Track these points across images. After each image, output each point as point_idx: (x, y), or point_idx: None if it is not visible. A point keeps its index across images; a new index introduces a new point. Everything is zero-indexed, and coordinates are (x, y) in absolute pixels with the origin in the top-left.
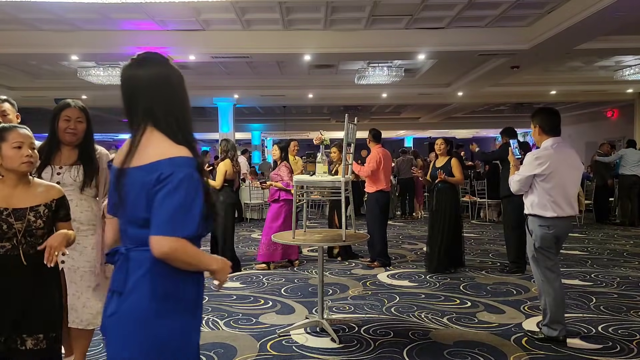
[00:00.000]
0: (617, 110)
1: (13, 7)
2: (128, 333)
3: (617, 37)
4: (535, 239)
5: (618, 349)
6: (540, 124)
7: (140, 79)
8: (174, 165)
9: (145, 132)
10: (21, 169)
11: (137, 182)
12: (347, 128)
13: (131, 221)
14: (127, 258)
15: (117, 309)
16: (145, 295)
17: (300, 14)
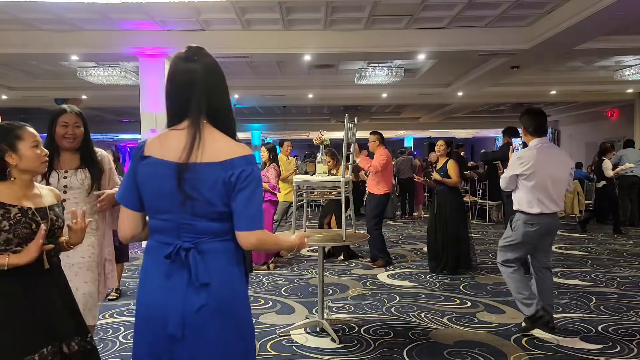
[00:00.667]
0: (617, 110)
1: (13, 7)
2: (226, 320)
3: (617, 37)
4: (517, 235)
5: (618, 349)
6: (525, 124)
7: (201, 72)
8: (250, 163)
9: (204, 128)
10: (40, 169)
11: (212, 177)
12: (347, 128)
13: (204, 215)
14: (200, 251)
15: (207, 301)
16: (236, 283)
17: (300, 14)
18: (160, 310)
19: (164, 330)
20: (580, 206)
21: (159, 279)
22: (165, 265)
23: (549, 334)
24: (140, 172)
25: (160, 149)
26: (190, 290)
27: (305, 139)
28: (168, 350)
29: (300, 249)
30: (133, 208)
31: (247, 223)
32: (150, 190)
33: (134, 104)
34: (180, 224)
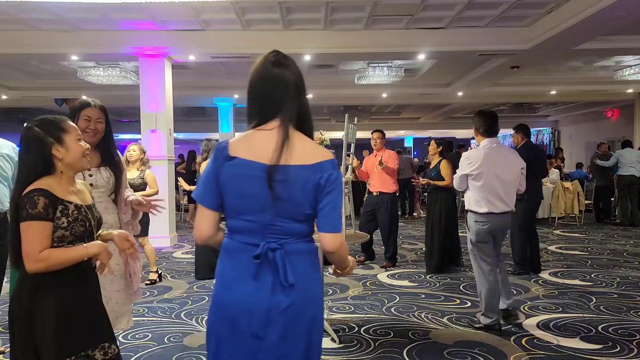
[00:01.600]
0: (617, 110)
1: (13, 7)
2: (309, 318)
3: (617, 37)
4: (471, 234)
5: (618, 349)
6: (476, 125)
7: (286, 79)
8: (335, 167)
9: (291, 131)
10: (83, 164)
11: (301, 180)
12: (347, 128)
13: (291, 217)
14: (285, 252)
15: (293, 301)
16: (318, 283)
17: (300, 14)
18: (246, 308)
19: (249, 328)
20: (580, 206)
21: (244, 278)
22: (251, 265)
23: (549, 334)
24: (225, 172)
25: (248, 150)
26: (277, 290)
27: None
28: (252, 349)
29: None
30: (213, 208)
31: (333, 225)
32: (235, 191)
33: (134, 104)
34: (266, 224)
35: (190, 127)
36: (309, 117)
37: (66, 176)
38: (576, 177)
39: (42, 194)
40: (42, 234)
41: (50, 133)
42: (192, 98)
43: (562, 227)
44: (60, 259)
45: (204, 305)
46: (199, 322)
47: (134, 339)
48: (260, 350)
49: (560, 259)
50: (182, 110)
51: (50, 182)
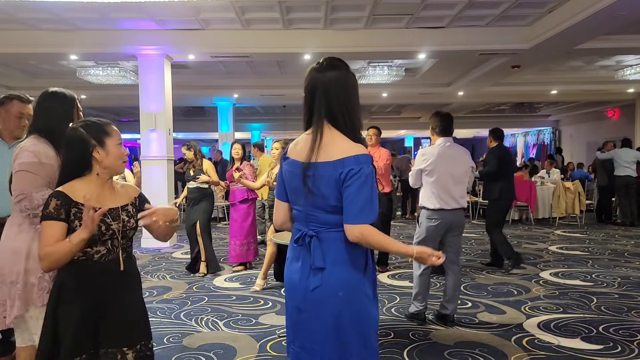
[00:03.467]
0: (618, 110)
1: (12, 6)
2: (336, 302)
3: (618, 37)
4: (422, 231)
5: (619, 350)
6: (433, 125)
7: (322, 81)
8: (359, 162)
9: (324, 130)
10: (120, 168)
11: (326, 175)
12: None
13: (321, 208)
14: (319, 239)
15: (321, 283)
16: (346, 267)
17: (300, 13)
18: (291, 284)
19: (293, 302)
20: (581, 206)
21: (291, 259)
22: (297, 248)
23: (550, 335)
24: (283, 170)
25: (294, 150)
26: (311, 272)
27: None
28: (296, 318)
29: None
30: (284, 200)
31: (352, 216)
32: (287, 185)
33: (133, 103)
34: (307, 214)
35: (189, 126)
36: (348, 116)
37: (101, 179)
38: (577, 177)
39: (56, 196)
40: (50, 233)
41: (94, 135)
42: (191, 98)
43: (563, 227)
44: (55, 255)
45: (203, 305)
46: (199, 323)
47: None
48: (299, 321)
49: (561, 259)
50: (182, 109)
51: (79, 184)
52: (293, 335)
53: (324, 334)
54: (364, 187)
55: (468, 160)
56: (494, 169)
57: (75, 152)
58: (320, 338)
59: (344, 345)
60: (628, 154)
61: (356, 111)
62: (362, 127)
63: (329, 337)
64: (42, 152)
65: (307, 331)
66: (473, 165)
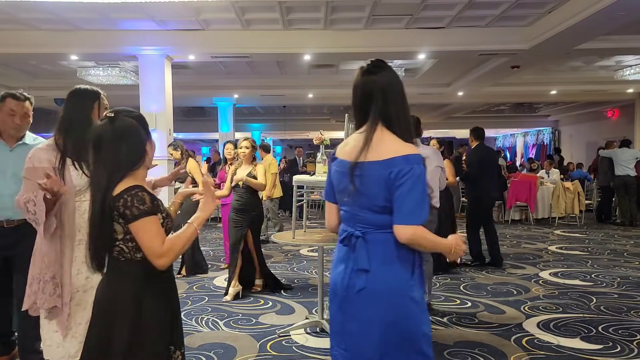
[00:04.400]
0: (618, 110)
1: (12, 6)
2: (381, 306)
3: (618, 37)
4: None
5: (618, 349)
6: None
7: (378, 83)
8: (410, 162)
9: (376, 131)
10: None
11: (375, 174)
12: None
13: (369, 208)
14: (365, 240)
15: (366, 284)
16: (393, 272)
17: (300, 13)
18: (336, 286)
19: (337, 303)
20: (580, 206)
21: (337, 260)
22: (343, 249)
23: (549, 334)
24: (331, 171)
25: (344, 150)
26: (354, 273)
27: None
28: (340, 319)
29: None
30: (333, 201)
31: (403, 217)
32: (336, 186)
33: (133, 103)
34: (354, 214)
35: (190, 126)
36: (401, 117)
37: (143, 174)
38: (576, 177)
39: (141, 190)
40: (159, 228)
41: (144, 127)
42: (191, 98)
43: (563, 227)
44: (181, 244)
45: (203, 305)
46: (199, 322)
47: None
48: (344, 324)
49: (560, 259)
50: (182, 110)
51: (138, 179)
52: (337, 338)
53: (367, 338)
54: (415, 187)
55: (434, 161)
56: (473, 171)
57: (131, 144)
58: (364, 342)
59: (387, 351)
60: (626, 153)
61: (409, 112)
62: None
63: (372, 341)
64: (35, 157)
65: (351, 334)
66: (441, 166)
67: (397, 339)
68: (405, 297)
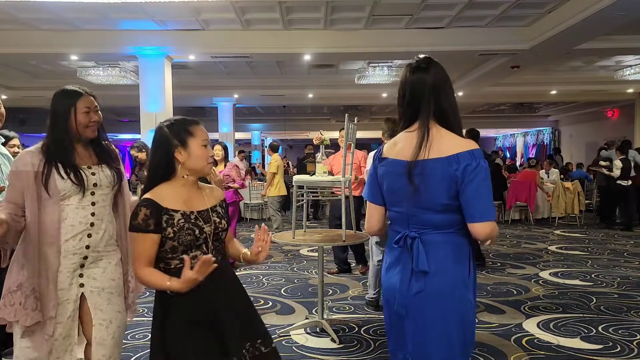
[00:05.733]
0: (618, 110)
1: (12, 6)
2: (441, 307)
3: (618, 37)
4: None
5: (618, 349)
6: (384, 128)
7: (426, 81)
8: (475, 157)
9: (431, 128)
10: (206, 170)
11: (438, 172)
12: (347, 128)
13: (429, 207)
14: (423, 241)
15: (424, 287)
16: (455, 274)
17: (300, 13)
18: (391, 288)
19: (394, 307)
20: (580, 206)
21: (390, 262)
22: (396, 250)
23: (549, 334)
24: (380, 172)
25: (394, 150)
26: (414, 275)
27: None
28: (399, 324)
29: None
30: (379, 203)
31: (480, 214)
32: (387, 186)
33: (133, 103)
34: (409, 215)
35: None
36: (453, 113)
37: (189, 181)
38: (576, 177)
39: (146, 204)
40: (140, 246)
41: (177, 135)
42: (192, 98)
43: (563, 227)
44: (148, 281)
45: None
46: None
47: (134, 339)
48: (405, 328)
49: (560, 259)
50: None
51: (165, 189)
52: (399, 342)
53: (431, 340)
54: (485, 183)
55: None
56: None
57: (159, 153)
58: (428, 344)
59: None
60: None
61: (456, 107)
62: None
63: (437, 342)
64: (21, 159)
65: (414, 337)
66: None
67: (457, 339)
68: (463, 298)
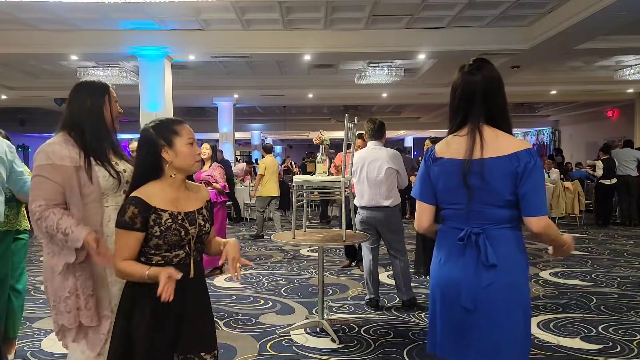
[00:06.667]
0: (618, 110)
1: (13, 7)
2: (511, 299)
3: (618, 37)
4: (357, 223)
5: (618, 349)
6: (364, 129)
7: (481, 84)
8: (533, 156)
9: (484, 129)
10: (193, 168)
11: (500, 169)
12: (347, 128)
13: (491, 203)
14: (488, 236)
15: (494, 280)
16: (519, 266)
17: (300, 13)
18: (455, 283)
19: (458, 301)
20: (580, 206)
21: (453, 258)
22: (457, 246)
23: (549, 334)
24: (433, 172)
25: (448, 150)
26: (480, 269)
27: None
28: (462, 319)
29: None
30: (430, 203)
31: (537, 209)
32: (442, 185)
33: (133, 103)
34: (470, 211)
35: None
36: (505, 114)
37: (177, 180)
38: (576, 176)
39: (134, 202)
40: (123, 243)
41: (162, 135)
42: (192, 98)
43: (563, 227)
44: (126, 271)
45: None
46: None
47: None
48: (467, 320)
49: (560, 259)
50: (182, 110)
51: (153, 188)
52: (453, 336)
53: (499, 332)
54: (542, 180)
55: (388, 163)
56: None
57: (145, 153)
58: (496, 337)
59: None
60: (625, 154)
61: (507, 110)
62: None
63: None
64: (56, 152)
65: (475, 329)
66: (396, 168)
67: (524, 328)
68: (526, 290)
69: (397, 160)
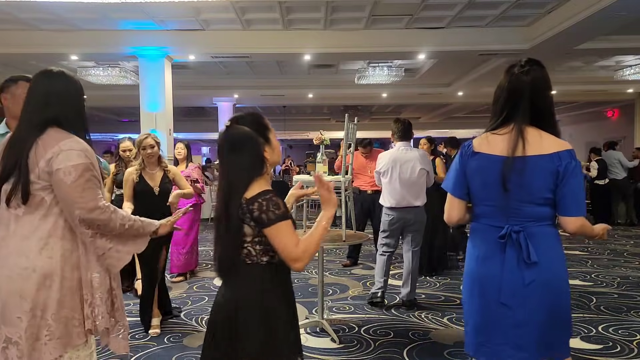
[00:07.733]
0: (618, 110)
1: (12, 6)
2: (553, 295)
3: (618, 37)
4: (383, 225)
5: (618, 349)
6: (393, 130)
7: (529, 84)
8: (574, 157)
9: (526, 127)
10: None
11: (542, 168)
12: (347, 128)
13: (530, 201)
14: (528, 234)
15: (537, 277)
16: (560, 263)
17: (300, 13)
18: (494, 280)
19: (497, 298)
20: None
21: (491, 255)
22: (497, 244)
23: None
24: (470, 166)
25: (488, 146)
26: (521, 267)
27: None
28: (499, 314)
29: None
30: (462, 197)
31: (576, 209)
32: (478, 181)
33: (133, 103)
34: (509, 208)
35: (190, 127)
36: (548, 114)
37: (267, 178)
38: None
39: (275, 194)
40: (294, 232)
41: (261, 132)
42: (192, 98)
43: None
44: (314, 243)
45: (203, 305)
46: (199, 322)
47: (134, 339)
48: (507, 317)
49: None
50: (182, 110)
51: (264, 184)
52: (490, 333)
53: (536, 328)
54: (581, 181)
55: (420, 164)
56: None
57: (248, 154)
58: (531, 332)
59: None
60: (610, 156)
61: (553, 110)
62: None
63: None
64: (89, 149)
65: (514, 326)
66: (427, 169)
67: (561, 329)
68: (566, 283)
69: (427, 161)
